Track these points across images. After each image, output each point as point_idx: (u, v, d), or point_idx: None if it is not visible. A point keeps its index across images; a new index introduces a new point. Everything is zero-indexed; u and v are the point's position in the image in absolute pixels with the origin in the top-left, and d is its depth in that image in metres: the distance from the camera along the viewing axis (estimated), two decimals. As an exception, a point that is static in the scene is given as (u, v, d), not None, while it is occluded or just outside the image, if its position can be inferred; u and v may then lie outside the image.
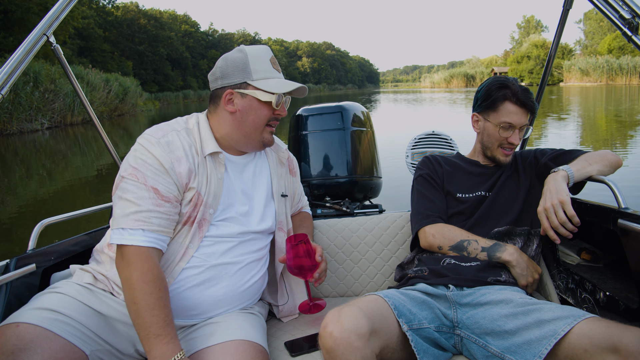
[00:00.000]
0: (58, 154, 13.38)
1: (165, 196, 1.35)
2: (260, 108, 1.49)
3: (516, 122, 1.75)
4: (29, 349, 1.14)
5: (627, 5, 1.48)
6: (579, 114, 18.55)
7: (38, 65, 19.59)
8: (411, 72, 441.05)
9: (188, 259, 1.41)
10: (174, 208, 1.37)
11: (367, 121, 2.84)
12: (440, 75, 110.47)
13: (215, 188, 1.45)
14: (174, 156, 1.38)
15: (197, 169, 1.43)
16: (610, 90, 38.94)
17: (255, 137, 1.53)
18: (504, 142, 1.78)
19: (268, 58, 1.52)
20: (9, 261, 1.47)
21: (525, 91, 1.75)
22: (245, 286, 1.52)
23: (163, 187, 1.35)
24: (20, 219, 6.23)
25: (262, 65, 1.50)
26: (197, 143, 1.46)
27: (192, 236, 1.42)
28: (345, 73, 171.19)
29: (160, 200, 1.34)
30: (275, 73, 1.53)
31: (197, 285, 1.42)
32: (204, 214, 1.43)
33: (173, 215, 1.37)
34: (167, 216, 1.35)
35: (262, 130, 1.53)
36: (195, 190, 1.41)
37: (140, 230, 1.30)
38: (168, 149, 1.39)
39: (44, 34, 1.58)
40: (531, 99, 1.75)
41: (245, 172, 1.59)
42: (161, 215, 1.34)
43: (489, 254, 1.61)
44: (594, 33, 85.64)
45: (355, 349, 1.18)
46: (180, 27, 77.78)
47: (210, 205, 1.44)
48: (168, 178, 1.36)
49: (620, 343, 1.08)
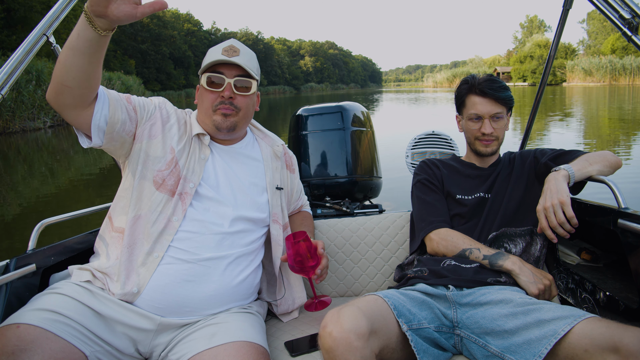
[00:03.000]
0: (60, 152, 13.42)
1: (130, 99, 1.53)
2: (203, 93, 1.60)
3: (482, 112, 1.79)
4: (30, 350, 1.14)
5: (627, 5, 1.48)
6: (581, 115, 18.49)
7: (41, 64, 19.64)
8: (414, 72, 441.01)
9: (174, 231, 1.46)
10: (127, 104, 1.50)
11: (367, 121, 2.84)
12: (442, 74, 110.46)
13: (194, 165, 1.54)
14: (164, 103, 1.62)
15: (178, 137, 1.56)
16: (614, 90, 38.82)
17: (208, 121, 1.60)
18: (478, 134, 1.83)
19: (223, 47, 1.58)
20: (9, 261, 1.48)
21: (489, 81, 1.80)
22: (236, 280, 1.53)
23: (134, 97, 1.55)
24: (22, 218, 6.25)
25: (212, 55, 1.58)
26: (188, 124, 1.63)
27: (174, 207, 1.48)
28: (348, 72, 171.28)
29: (123, 95, 1.52)
30: (223, 58, 1.55)
31: (187, 280, 1.44)
32: (184, 187, 1.50)
33: (122, 101, 1.49)
34: (117, 97, 1.48)
35: (212, 114, 1.58)
36: (173, 158, 1.53)
37: None
38: (164, 102, 1.62)
39: (44, 34, 1.59)
40: (493, 87, 1.78)
41: (234, 160, 1.65)
42: (114, 92, 1.48)
43: (491, 262, 1.60)
44: (597, 33, 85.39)
45: (355, 349, 1.19)
46: (183, 26, 78.06)
47: (190, 179, 1.52)
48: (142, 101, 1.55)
49: (621, 343, 1.08)
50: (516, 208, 1.75)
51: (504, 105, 1.80)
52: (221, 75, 1.54)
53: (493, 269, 1.60)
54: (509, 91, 1.82)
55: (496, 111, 1.79)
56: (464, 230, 1.73)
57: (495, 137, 1.82)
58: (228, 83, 1.55)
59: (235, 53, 1.56)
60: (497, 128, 1.81)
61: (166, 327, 1.43)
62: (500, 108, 1.80)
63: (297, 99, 51.83)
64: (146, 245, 1.44)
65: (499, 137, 1.84)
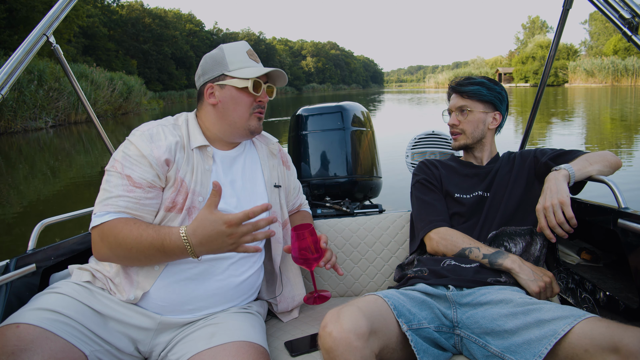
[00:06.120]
0: (62, 152, 13.44)
1: (137, 182, 1.40)
2: (239, 96, 1.54)
3: (450, 106, 1.95)
4: (30, 350, 1.15)
5: (627, 5, 1.48)
6: (582, 115, 18.46)
7: (42, 64, 19.67)
8: (415, 72, 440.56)
9: None
10: (145, 194, 1.40)
11: (367, 121, 2.84)
12: (444, 75, 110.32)
13: (202, 178, 1.49)
14: (154, 145, 1.44)
15: (181, 160, 1.47)
16: (616, 91, 38.74)
17: (241, 125, 1.56)
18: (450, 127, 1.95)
19: (244, 50, 1.58)
20: (9, 261, 1.48)
21: (460, 79, 1.92)
22: (238, 280, 1.53)
23: (137, 175, 1.40)
24: (23, 217, 6.26)
25: (237, 57, 1.55)
26: (185, 137, 1.52)
27: (181, 222, 1.45)
28: (350, 73, 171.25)
29: (131, 187, 1.39)
30: (251, 63, 1.57)
31: (190, 279, 1.44)
32: (192, 201, 1.47)
33: (144, 200, 1.40)
34: (135, 200, 1.39)
35: (247, 118, 1.56)
36: (178, 179, 1.45)
37: (106, 213, 1.37)
38: (150, 139, 1.45)
39: (44, 34, 1.59)
40: (461, 83, 1.91)
41: (235, 165, 1.62)
42: (130, 199, 1.38)
43: (490, 260, 1.60)
44: (599, 34, 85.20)
45: (355, 349, 1.19)
46: (185, 26, 78.09)
47: (199, 193, 1.48)
48: (144, 166, 1.41)
49: (621, 343, 1.08)
50: (516, 207, 1.75)
51: (470, 99, 1.87)
52: (260, 81, 1.55)
53: (493, 268, 1.59)
54: (478, 86, 1.87)
55: (461, 104, 1.88)
56: (463, 229, 1.73)
57: (461, 131, 1.89)
58: (263, 88, 1.57)
59: (257, 59, 1.60)
60: (463, 121, 1.88)
61: (166, 327, 1.44)
62: (466, 101, 1.87)
63: (299, 99, 51.79)
64: None
65: (466, 131, 1.88)
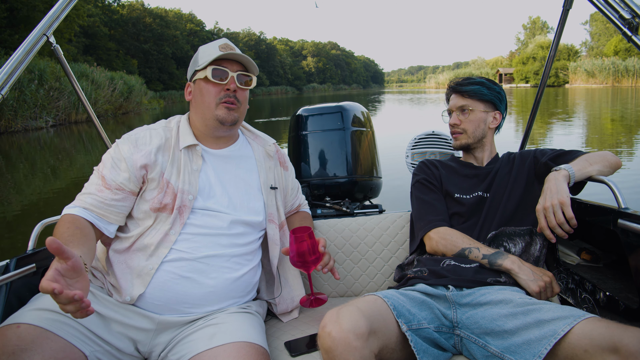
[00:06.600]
0: (62, 151, 13.44)
1: (107, 183, 1.46)
2: (205, 87, 1.56)
3: (450, 106, 1.95)
4: (30, 350, 1.15)
5: (627, 6, 1.48)
6: (583, 116, 18.46)
7: (43, 63, 19.67)
8: (416, 73, 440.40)
9: (170, 244, 1.45)
10: (113, 195, 1.46)
11: (367, 121, 2.84)
12: (445, 75, 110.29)
13: (189, 177, 1.51)
14: (136, 149, 1.49)
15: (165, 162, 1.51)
16: (616, 92, 38.72)
17: (209, 115, 1.56)
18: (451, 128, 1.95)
19: (217, 45, 1.59)
20: (9, 261, 1.49)
21: (460, 79, 1.95)
22: (234, 276, 1.53)
23: (109, 176, 1.47)
24: (23, 217, 6.26)
25: (208, 52, 1.58)
26: (173, 138, 1.56)
27: (172, 222, 1.46)
28: (350, 73, 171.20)
29: (102, 187, 1.46)
30: (220, 54, 1.56)
31: (185, 277, 1.44)
32: (182, 200, 1.48)
33: (110, 201, 1.45)
34: (101, 200, 1.45)
35: (214, 108, 1.56)
36: (164, 180, 1.49)
37: (75, 207, 1.44)
38: (135, 143, 1.51)
39: (44, 34, 1.59)
40: (461, 82, 1.92)
41: (228, 164, 1.63)
42: (96, 198, 1.44)
43: (490, 261, 1.60)
44: (600, 35, 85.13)
45: (354, 349, 1.18)
46: (186, 26, 78.04)
47: (188, 191, 1.50)
48: (119, 168, 1.47)
49: (621, 343, 1.08)
50: (515, 207, 1.75)
51: (471, 98, 1.87)
52: (225, 69, 1.55)
53: (492, 268, 1.59)
54: (478, 86, 1.87)
55: (462, 104, 1.89)
56: (463, 229, 1.73)
57: (462, 130, 1.89)
58: (231, 76, 1.56)
59: (233, 49, 1.58)
60: (464, 120, 1.88)
61: (165, 327, 1.44)
62: (467, 101, 1.88)
63: (299, 99, 51.78)
64: (142, 258, 1.45)
65: (467, 130, 1.88)
